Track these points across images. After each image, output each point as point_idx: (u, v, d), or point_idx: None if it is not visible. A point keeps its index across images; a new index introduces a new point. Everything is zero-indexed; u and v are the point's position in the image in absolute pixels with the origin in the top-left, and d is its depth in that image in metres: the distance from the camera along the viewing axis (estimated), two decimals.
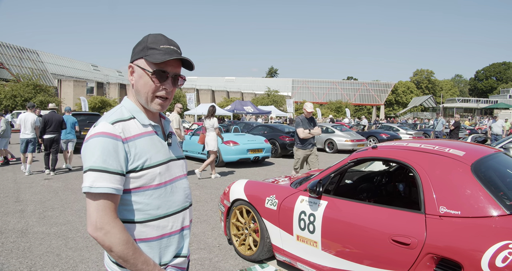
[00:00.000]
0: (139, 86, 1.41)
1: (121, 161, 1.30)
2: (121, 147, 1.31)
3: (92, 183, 1.25)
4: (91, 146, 1.29)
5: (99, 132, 1.30)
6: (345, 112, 46.84)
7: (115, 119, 1.36)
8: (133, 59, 1.43)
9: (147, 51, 1.39)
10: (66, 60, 55.92)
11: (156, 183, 1.39)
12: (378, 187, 3.98)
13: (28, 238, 4.80)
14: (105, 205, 1.26)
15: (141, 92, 1.41)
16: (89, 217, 1.27)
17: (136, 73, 1.42)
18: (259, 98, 48.94)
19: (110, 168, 1.27)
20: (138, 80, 1.41)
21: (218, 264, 4.04)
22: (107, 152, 1.27)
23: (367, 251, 2.71)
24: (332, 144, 16.65)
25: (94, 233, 1.25)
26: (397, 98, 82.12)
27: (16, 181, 8.90)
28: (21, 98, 31.55)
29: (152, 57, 1.37)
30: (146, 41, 1.41)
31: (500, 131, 16.94)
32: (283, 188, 3.78)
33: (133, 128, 1.38)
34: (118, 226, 1.27)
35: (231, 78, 74.33)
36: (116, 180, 1.28)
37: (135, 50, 1.43)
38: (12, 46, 46.60)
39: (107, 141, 1.29)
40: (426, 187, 2.53)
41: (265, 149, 11.95)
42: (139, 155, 1.35)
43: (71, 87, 45.22)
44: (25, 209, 6.24)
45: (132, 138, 1.35)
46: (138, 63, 1.41)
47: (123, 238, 1.26)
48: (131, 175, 1.34)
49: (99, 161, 1.26)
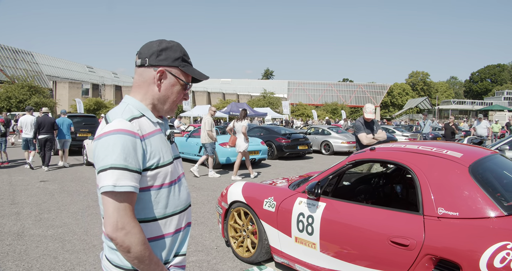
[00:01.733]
0: (170, 93, 1.44)
1: (139, 159, 1.28)
2: (139, 145, 1.29)
3: (115, 181, 1.21)
4: (111, 143, 1.24)
5: (117, 129, 1.26)
6: (341, 114, 46.99)
7: (130, 116, 1.34)
8: (164, 63, 1.40)
9: (182, 62, 1.44)
10: (61, 62, 55.77)
11: (168, 181, 1.40)
12: (376, 188, 3.99)
13: (24, 241, 4.77)
14: (126, 205, 1.23)
15: (170, 99, 1.45)
16: (109, 217, 1.22)
17: (167, 80, 1.43)
18: (255, 100, 48.89)
19: (130, 166, 1.25)
20: (170, 87, 1.43)
21: (216, 266, 4.04)
22: (127, 149, 1.24)
23: (365, 252, 2.72)
24: (328, 146, 16.68)
25: (114, 234, 1.21)
26: (392, 100, 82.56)
27: (12, 183, 8.84)
28: (16, 100, 31.38)
29: (190, 72, 1.46)
30: (180, 50, 1.44)
31: (485, 132, 16.60)
32: (281, 189, 3.79)
33: (146, 125, 1.37)
34: (138, 226, 1.25)
35: (227, 80, 74.41)
36: (136, 178, 1.26)
37: (165, 54, 1.41)
38: (6, 48, 46.41)
39: (127, 138, 1.26)
40: (425, 188, 2.55)
41: (261, 150, 11.96)
42: (154, 152, 1.35)
43: (66, 89, 45.05)
44: (21, 212, 6.20)
45: (148, 135, 1.35)
46: (173, 72, 1.42)
47: (142, 238, 1.25)
48: (147, 173, 1.33)
49: (121, 159, 1.23)
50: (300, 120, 39.14)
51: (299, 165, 12.58)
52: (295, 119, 40.89)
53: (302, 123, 31.84)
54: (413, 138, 20.03)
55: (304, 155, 15.42)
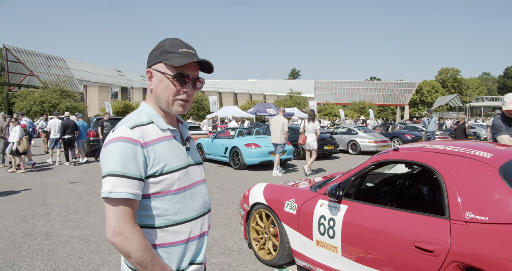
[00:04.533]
0: (160, 91, 1.41)
1: (140, 166, 1.29)
2: (140, 152, 1.30)
3: (111, 188, 1.24)
4: (111, 150, 1.28)
5: (118, 137, 1.30)
6: (368, 113, 46.17)
7: (134, 124, 1.35)
8: (150, 64, 1.42)
9: (166, 55, 1.38)
10: (91, 66, 57.40)
11: (175, 188, 1.38)
12: (401, 190, 3.85)
13: (52, 241, 4.90)
14: (124, 211, 1.25)
15: (162, 96, 1.41)
16: (108, 223, 1.26)
17: (155, 78, 1.41)
18: (281, 100, 48.67)
19: (129, 173, 1.26)
20: (158, 84, 1.41)
21: (238, 268, 4.00)
22: (126, 156, 1.26)
23: (388, 257, 2.60)
24: (355, 145, 16.41)
25: (113, 239, 1.24)
26: (422, 98, 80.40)
27: (44, 184, 9.15)
28: (49, 104, 32.46)
29: (172, 61, 1.36)
30: (164, 45, 1.40)
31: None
32: (303, 191, 3.71)
33: (152, 133, 1.37)
34: (137, 232, 1.26)
35: (253, 81, 74.53)
36: (135, 185, 1.27)
37: (152, 55, 1.43)
38: (40, 54, 48.34)
39: (127, 145, 1.28)
40: (451, 191, 2.41)
41: (287, 151, 11.84)
42: (158, 159, 1.34)
43: (96, 92, 46.29)
44: (51, 212, 6.39)
45: (151, 143, 1.35)
46: (157, 68, 1.40)
47: (141, 244, 1.25)
48: (150, 180, 1.33)
49: (119, 166, 1.25)
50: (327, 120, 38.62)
51: (325, 165, 12.41)
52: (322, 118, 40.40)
53: (329, 123, 31.42)
54: (444, 137, 19.38)
55: (331, 155, 15.21)
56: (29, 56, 46.78)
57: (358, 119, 31.82)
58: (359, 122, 28.96)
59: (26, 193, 8.06)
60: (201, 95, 42.50)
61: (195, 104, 40.02)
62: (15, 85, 46.68)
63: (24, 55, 46.24)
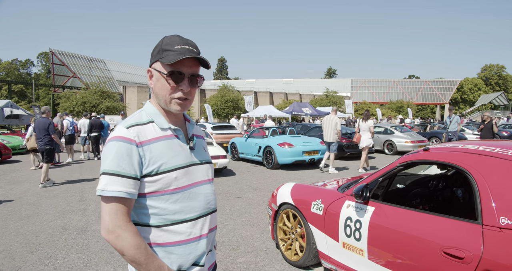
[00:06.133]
0: (157, 90, 1.41)
1: (134, 165, 1.30)
2: (135, 151, 1.31)
3: (104, 186, 1.27)
4: (106, 150, 1.32)
5: (114, 136, 1.33)
6: (406, 112, 44.80)
7: (131, 124, 1.36)
8: (150, 63, 1.43)
9: (162, 53, 1.37)
10: (130, 68, 59.26)
11: (173, 187, 1.37)
12: (433, 192, 3.67)
13: (87, 235, 5.08)
14: (117, 209, 1.27)
15: (159, 95, 1.41)
16: (102, 220, 1.28)
17: (154, 77, 1.42)
18: (317, 100, 48.13)
19: (123, 171, 1.28)
20: (156, 83, 1.41)
21: (264, 268, 3.97)
22: (120, 155, 1.29)
23: (415, 262, 2.47)
24: (391, 145, 15.97)
25: (106, 236, 1.26)
26: (463, 96, 77.14)
27: (82, 181, 9.53)
28: (90, 105, 33.71)
29: (166, 59, 1.35)
30: (161, 43, 1.40)
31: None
32: (330, 192, 3.62)
33: (149, 132, 1.38)
34: (130, 230, 1.27)
35: (289, 80, 74.34)
36: (129, 183, 1.28)
37: (152, 54, 1.43)
38: (82, 57, 50.55)
39: (121, 144, 1.30)
40: (484, 194, 2.25)
41: (321, 150, 11.71)
42: (154, 159, 1.34)
43: (135, 93, 47.66)
44: (87, 208, 6.64)
45: (148, 142, 1.35)
46: (155, 67, 1.40)
47: (134, 242, 1.26)
48: (146, 179, 1.34)
49: (112, 165, 1.28)
50: None
51: (353, 167, 12.13)
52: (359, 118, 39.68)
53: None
54: None
55: None
56: (72, 58, 49.02)
57: (390, 118, 30.91)
58: (391, 121, 28.13)
59: (66, 189, 8.42)
60: (236, 94, 42.70)
61: (231, 104, 40.26)
62: (60, 87, 49.09)
63: (67, 58, 48.50)
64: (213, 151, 10.06)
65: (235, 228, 5.40)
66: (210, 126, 17.16)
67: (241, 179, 9.70)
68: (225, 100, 40.32)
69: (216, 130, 16.75)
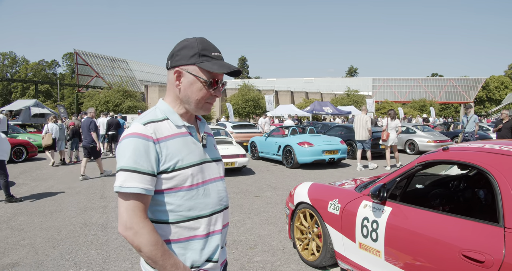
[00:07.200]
0: (190, 93, 1.41)
1: (152, 161, 1.31)
2: (152, 148, 1.32)
3: (122, 182, 1.27)
4: (123, 146, 1.31)
5: (131, 133, 1.32)
6: (429, 111, 43.89)
7: (147, 120, 1.37)
8: (179, 63, 1.40)
9: (199, 58, 1.38)
10: (152, 67, 60.19)
11: (188, 184, 1.38)
12: (454, 193, 3.57)
13: (106, 232, 5.18)
14: (135, 205, 1.28)
15: (192, 98, 1.42)
16: (120, 216, 1.29)
17: (185, 79, 1.41)
18: (338, 99, 47.59)
19: (141, 168, 1.29)
20: (189, 86, 1.41)
21: (280, 268, 3.96)
22: (138, 152, 1.29)
23: (433, 265, 2.40)
24: (413, 145, 15.65)
25: (124, 233, 1.27)
26: (489, 95, 74.95)
27: (103, 178, 9.75)
28: (112, 104, 34.32)
29: (208, 67, 1.38)
30: (197, 46, 1.40)
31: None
32: (347, 191, 3.58)
33: (165, 129, 1.39)
34: (147, 226, 1.28)
35: (310, 79, 73.98)
36: (147, 180, 1.29)
37: (180, 54, 1.41)
38: (105, 57, 51.69)
39: (139, 141, 1.30)
40: (506, 195, 2.17)
41: (340, 150, 11.60)
42: (170, 155, 1.35)
43: (156, 92, 48.33)
44: (108, 205, 6.77)
45: (164, 139, 1.36)
46: (189, 70, 1.39)
47: (151, 239, 1.27)
48: (163, 175, 1.34)
49: (130, 161, 1.28)
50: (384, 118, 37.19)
51: (380, 165, 11.96)
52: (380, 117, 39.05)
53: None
54: None
55: None
56: (96, 59, 50.12)
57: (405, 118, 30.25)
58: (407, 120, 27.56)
59: (87, 186, 8.62)
60: (257, 94, 42.67)
61: (252, 103, 40.29)
62: (83, 86, 50.25)
63: (91, 58, 49.62)
64: (233, 150, 10.08)
65: (253, 227, 5.40)
66: (230, 125, 17.23)
67: (260, 178, 9.70)
68: (245, 100, 40.33)
69: (236, 129, 16.81)
